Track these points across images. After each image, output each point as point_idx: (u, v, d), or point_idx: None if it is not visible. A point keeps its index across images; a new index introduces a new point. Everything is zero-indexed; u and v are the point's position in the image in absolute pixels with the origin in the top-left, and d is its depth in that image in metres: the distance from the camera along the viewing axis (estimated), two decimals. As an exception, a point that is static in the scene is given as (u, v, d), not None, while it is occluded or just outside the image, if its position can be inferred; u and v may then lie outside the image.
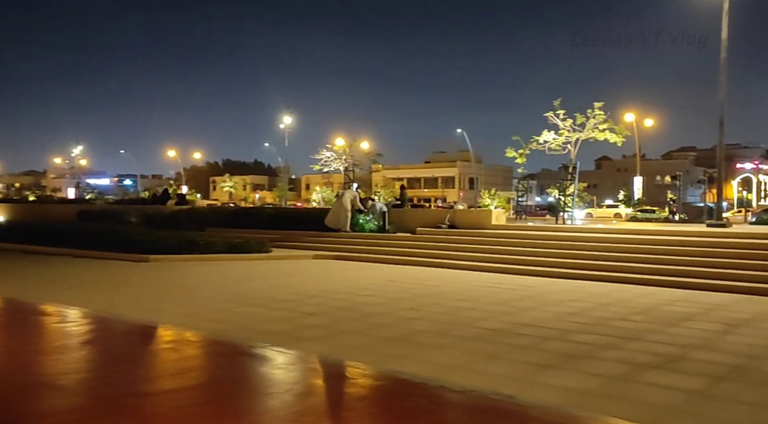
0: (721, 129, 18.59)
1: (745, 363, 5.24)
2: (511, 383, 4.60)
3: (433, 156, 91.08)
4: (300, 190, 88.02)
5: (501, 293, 9.60)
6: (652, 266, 11.58)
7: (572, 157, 19.80)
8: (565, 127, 19.49)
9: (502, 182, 73.65)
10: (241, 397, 2.17)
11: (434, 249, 14.95)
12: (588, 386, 4.54)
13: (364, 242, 16.64)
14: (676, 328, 6.86)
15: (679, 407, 4.08)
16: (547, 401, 4.07)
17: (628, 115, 40.48)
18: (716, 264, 11.22)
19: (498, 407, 2.93)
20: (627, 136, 20.38)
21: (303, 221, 19.73)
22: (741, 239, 12.77)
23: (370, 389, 2.90)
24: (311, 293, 9.25)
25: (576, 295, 9.43)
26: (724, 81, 18.11)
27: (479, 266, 13.13)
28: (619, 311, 7.98)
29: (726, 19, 17.72)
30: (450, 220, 17.08)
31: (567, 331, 6.60)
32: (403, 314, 7.59)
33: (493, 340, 6.10)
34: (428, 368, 4.99)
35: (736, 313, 7.86)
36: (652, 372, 4.93)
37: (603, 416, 3.46)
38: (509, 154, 21.72)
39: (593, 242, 13.80)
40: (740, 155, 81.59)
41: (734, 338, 6.32)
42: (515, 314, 7.61)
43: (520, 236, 15.25)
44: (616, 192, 58.85)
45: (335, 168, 37.97)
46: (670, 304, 8.60)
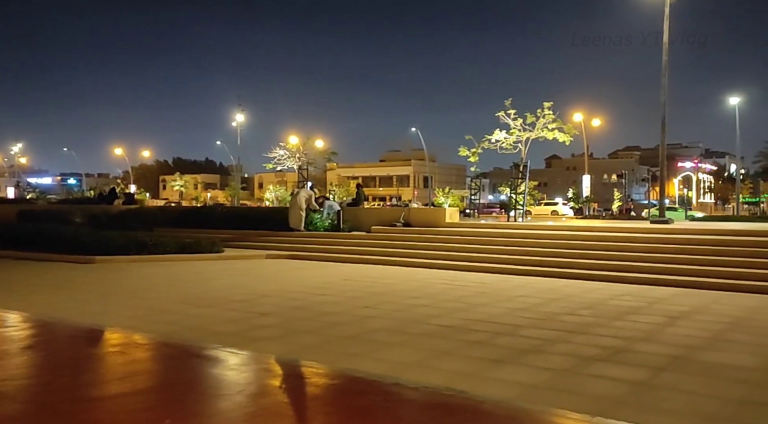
0: (663, 129, 19.33)
1: (684, 354, 5.48)
2: (465, 379, 4.67)
3: (388, 155, 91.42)
4: (253, 189, 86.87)
5: (455, 290, 9.72)
6: (600, 261, 11.95)
7: (523, 156, 20.22)
8: (515, 126, 19.89)
9: (456, 181, 74.59)
10: (191, 399, 2.13)
11: (389, 247, 15.02)
12: (538, 380, 4.65)
13: (319, 241, 16.57)
14: (621, 321, 7.11)
15: (622, 398, 4.23)
16: (499, 395, 4.15)
17: (576, 114, 41.61)
18: (659, 259, 11.67)
19: (451, 403, 2.97)
20: (575, 135, 20.94)
21: (256, 220, 19.48)
22: (682, 235, 13.32)
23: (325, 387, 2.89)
24: (264, 293, 9.15)
25: (527, 291, 9.64)
26: (666, 83, 18.85)
27: (434, 263, 13.26)
28: (568, 305, 8.21)
29: (667, 23, 18.44)
30: (405, 218, 17.18)
31: (518, 326, 6.75)
32: (358, 312, 7.60)
33: (447, 336, 6.18)
34: (383, 365, 5.01)
35: (677, 306, 8.20)
36: (598, 365, 5.10)
37: (551, 408, 3.56)
38: (462, 153, 21.99)
39: (543, 238, 14.14)
40: (682, 154, 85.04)
41: (674, 330, 6.60)
42: (468, 311, 7.73)
43: (473, 233, 15.49)
44: (566, 190, 60.39)
45: (289, 167, 37.58)
46: (616, 298, 8.90)
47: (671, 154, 75.13)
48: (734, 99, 46.39)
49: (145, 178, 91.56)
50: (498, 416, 2.53)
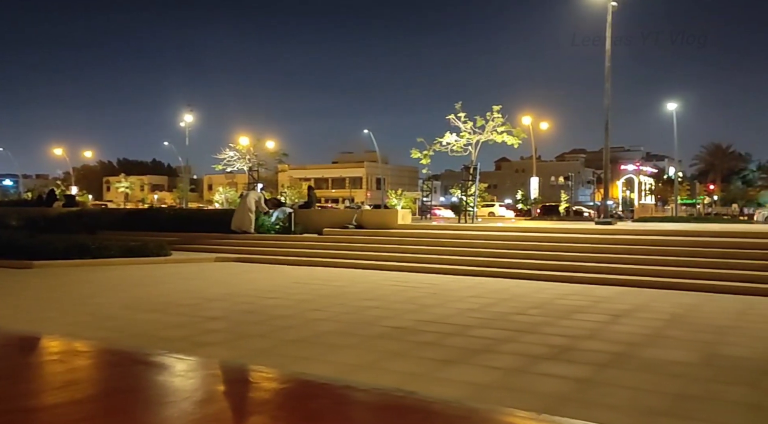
0: (607, 133, 20.02)
1: (626, 350, 5.68)
2: (416, 380, 4.70)
3: (341, 156, 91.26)
4: (202, 190, 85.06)
5: (406, 291, 9.77)
6: (548, 262, 12.26)
7: (473, 159, 20.53)
8: (466, 129, 20.18)
9: (408, 182, 75.05)
10: (134, 408, 2.06)
11: (341, 249, 14.97)
12: (487, 379, 4.73)
13: (269, 244, 16.36)
14: (568, 320, 7.31)
15: (568, 395, 4.35)
16: (450, 395, 4.20)
17: (525, 118, 42.61)
18: (604, 259, 12.06)
19: (401, 404, 2.95)
20: (524, 138, 21.41)
21: (205, 222, 19.09)
22: (624, 235, 13.81)
23: (273, 392, 2.83)
24: (213, 297, 8.97)
25: (477, 291, 9.79)
26: (609, 88, 19.53)
27: (386, 265, 13.30)
28: (517, 305, 8.38)
29: (609, 31, 19.10)
30: (357, 220, 17.17)
31: (469, 326, 6.84)
32: (308, 315, 7.54)
33: (398, 338, 6.21)
34: (334, 368, 4.99)
35: (620, 304, 8.49)
36: (546, 363, 5.22)
37: (500, 407, 3.62)
38: (414, 155, 22.14)
39: (493, 239, 14.39)
40: (624, 158, 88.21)
41: (617, 328, 6.82)
42: (420, 312, 7.78)
43: (425, 235, 15.62)
44: (515, 192, 61.68)
45: (239, 168, 36.98)
46: (563, 298, 9.14)
47: (615, 157, 77.91)
48: (672, 104, 48.48)
49: (87, 180, 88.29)
50: (448, 416, 2.51)
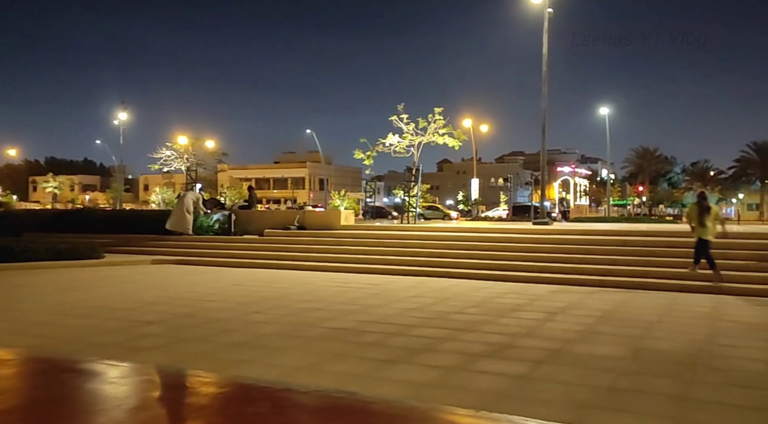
0: (544, 135, 20.65)
1: (561, 347, 5.88)
2: (357, 380, 4.71)
3: (283, 156, 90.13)
4: (138, 191, 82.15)
5: (349, 292, 9.77)
6: (487, 261, 12.53)
7: (415, 160, 20.75)
8: (408, 130, 20.37)
9: (351, 183, 74.94)
10: (61, 418, 1.98)
11: (283, 251, 14.81)
12: (428, 378, 4.79)
13: (209, 245, 16.00)
14: (506, 318, 7.50)
15: (505, 391, 4.46)
16: (390, 394, 4.23)
17: (466, 120, 43.36)
18: (540, 258, 12.44)
19: (341, 405, 2.95)
20: (464, 140, 21.80)
21: (141, 223, 18.46)
22: (559, 235, 14.29)
23: (211, 397, 2.77)
24: (149, 301, 8.69)
25: (419, 291, 9.90)
26: (546, 92, 20.15)
27: (328, 266, 13.25)
28: (457, 304, 8.53)
29: (546, 36, 19.72)
30: (299, 221, 17.02)
31: (410, 326, 6.91)
32: (249, 317, 7.42)
33: (340, 339, 6.20)
34: (274, 371, 4.94)
35: (555, 302, 8.79)
36: (484, 361, 5.34)
37: (439, 405, 3.69)
38: (357, 155, 22.15)
39: (435, 240, 14.58)
40: (560, 160, 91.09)
41: (552, 325, 7.06)
42: (362, 312, 7.80)
43: (368, 235, 15.65)
44: (456, 193, 62.66)
45: (177, 168, 35.93)
46: (501, 296, 9.37)
47: (551, 159, 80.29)
48: (605, 109, 50.53)
49: (11, 180, 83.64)
50: (388, 416, 2.52)
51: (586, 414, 3.96)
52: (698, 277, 10.44)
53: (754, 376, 4.92)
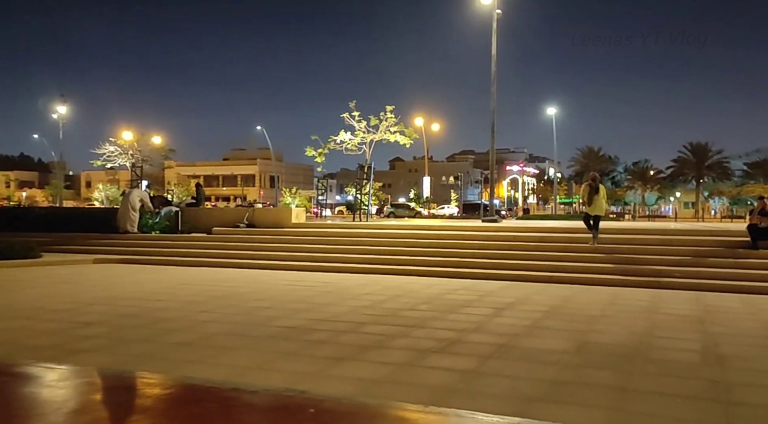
0: (493, 135, 21.02)
1: (508, 342, 6.01)
2: (307, 379, 4.68)
3: (232, 153, 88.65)
4: (79, 187, 79.20)
5: (300, 290, 9.70)
6: (438, 258, 12.68)
7: (367, 158, 20.78)
8: (360, 128, 20.38)
9: (303, 181, 74.40)
10: (-6, 424, 1.89)
11: (232, 249, 14.57)
12: (378, 375, 4.81)
13: (155, 244, 15.58)
14: (456, 314, 7.60)
15: (454, 386, 4.53)
16: (340, 392, 4.23)
17: (417, 119, 43.73)
18: (490, 255, 12.67)
19: (291, 403, 2.93)
20: (416, 138, 21.98)
21: (82, 222, 17.81)
22: (508, 232, 14.60)
23: (155, 398, 2.70)
24: (91, 301, 8.39)
25: (371, 288, 9.92)
26: (495, 92, 20.51)
27: (279, 264, 13.11)
28: (409, 301, 8.59)
29: (495, 37, 20.07)
30: (249, 219, 16.78)
31: (361, 323, 6.92)
32: (196, 317, 7.26)
33: (291, 337, 6.15)
34: (222, 371, 4.86)
35: (503, 298, 8.97)
36: (434, 356, 5.41)
37: (389, 401, 3.70)
38: (309, 153, 22.02)
39: (387, 237, 14.65)
40: (510, 159, 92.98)
41: (501, 321, 7.21)
42: (313, 311, 7.76)
43: (319, 233, 15.58)
44: (408, 191, 63.10)
45: (121, 164, 34.81)
46: (452, 293, 9.50)
47: (501, 158, 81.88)
48: (552, 109, 51.85)
49: (-59, 175, 79.27)
50: (338, 413, 2.53)
51: (530, 407, 4.07)
52: (637, 273, 10.87)
53: (688, 366, 5.16)
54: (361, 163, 21.38)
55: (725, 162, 70.24)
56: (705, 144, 69.51)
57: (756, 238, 11.47)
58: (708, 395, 4.35)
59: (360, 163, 21.40)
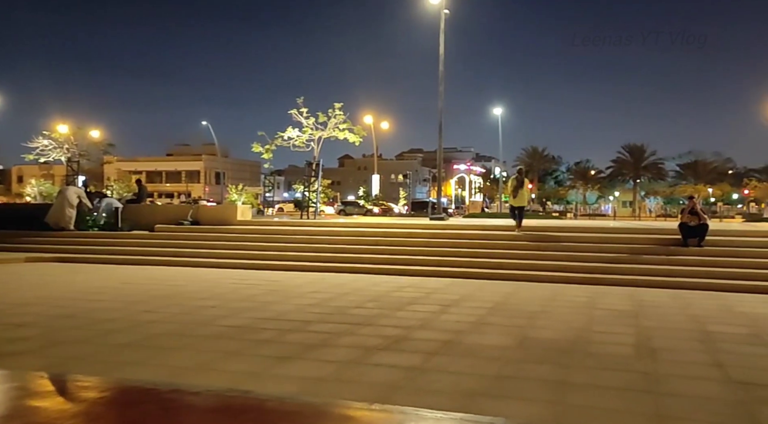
0: (440, 134, 21.27)
1: (453, 338, 6.11)
2: (251, 378, 4.63)
3: (176, 149, 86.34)
4: (10, 183, 75.37)
5: (246, 289, 9.57)
6: (385, 256, 12.74)
7: (315, 155, 20.65)
8: (308, 125, 20.23)
9: (250, 177, 73.22)
10: None
11: (176, 247, 14.21)
12: (323, 373, 4.81)
13: (93, 242, 15.02)
14: (403, 311, 7.67)
15: (399, 383, 4.58)
16: (285, 391, 4.20)
17: (367, 117, 43.77)
18: (436, 253, 12.83)
19: (233, 404, 2.90)
20: (365, 136, 22.01)
21: (13, 218, 16.97)
22: (455, 230, 14.81)
23: (91, 402, 2.62)
24: (22, 302, 8.02)
25: (318, 286, 9.88)
26: (442, 91, 20.76)
27: (225, 262, 12.89)
28: (355, 299, 8.60)
29: (443, 37, 20.30)
30: (193, 216, 16.40)
31: (307, 322, 6.89)
32: (138, 317, 7.06)
33: (235, 337, 6.07)
34: (163, 371, 4.74)
35: (449, 295, 9.11)
36: (380, 354, 5.44)
37: (334, 399, 3.71)
38: (255, 149, 21.71)
39: (335, 235, 14.61)
40: (457, 158, 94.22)
41: (446, 317, 7.32)
42: (259, 309, 7.67)
43: (266, 231, 15.38)
44: (358, 189, 63.03)
45: (56, 158, 33.35)
46: (400, 290, 9.57)
47: (448, 157, 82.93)
48: (498, 110, 52.93)
49: None
50: (281, 413, 2.52)
51: (472, 402, 4.15)
52: (577, 269, 11.25)
53: (623, 359, 5.39)
54: (309, 160, 21.23)
55: (660, 163, 73.56)
56: (641, 146, 72.56)
57: (686, 236, 12.07)
58: (640, 387, 4.56)
59: (308, 160, 21.26)
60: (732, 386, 4.60)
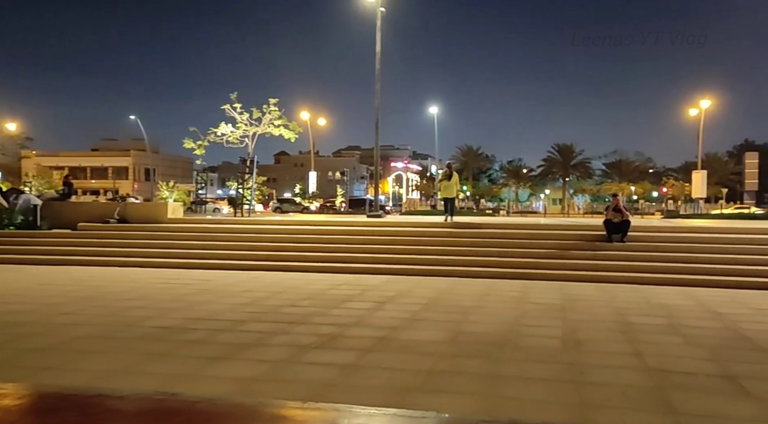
0: (377, 131, 21.33)
1: (388, 334, 6.15)
2: (181, 380, 4.49)
3: (103, 144, 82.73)
4: None
5: (176, 288, 9.27)
6: (322, 254, 12.66)
7: (250, 151, 20.27)
8: (242, 120, 19.82)
9: (182, 174, 71.05)
10: None
11: (101, 246, 13.60)
12: (256, 373, 4.72)
13: (8, 241, 14.17)
14: (338, 309, 7.64)
15: (333, 381, 4.56)
16: (216, 392, 4.10)
17: (303, 113, 43.33)
18: (373, 250, 12.86)
19: (161, 407, 2.80)
20: (301, 133, 21.76)
21: None
22: (393, 227, 14.90)
23: (4, 410, 2.48)
24: (-70, 306, 7.45)
25: (251, 285, 9.70)
26: (379, 89, 20.82)
27: (154, 262, 12.44)
28: (290, 298, 8.50)
29: (379, 34, 20.37)
30: (120, 214, 15.75)
31: (240, 321, 6.75)
32: (57, 320, 6.70)
33: (164, 338, 5.86)
34: (85, 376, 4.52)
35: (385, 292, 9.15)
36: (314, 352, 5.40)
37: (267, 399, 3.65)
38: (187, 145, 21.04)
39: (269, 233, 14.39)
40: (394, 155, 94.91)
41: (382, 314, 7.35)
42: (190, 309, 7.45)
43: (198, 229, 14.96)
44: (294, 186, 62.32)
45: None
46: (335, 288, 9.53)
47: (385, 154, 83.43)
48: (434, 108, 53.64)
49: None
50: (212, 414, 2.48)
51: (407, 397, 4.19)
52: (509, 265, 11.57)
53: (550, 351, 5.58)
54: (243, 156, 20.81)
55: (587, 162, 76.60)
56: (570, 145, 75.30)
57: (610, 231, 12.64)
58: (565, 377, 4.73)
59: (242, 156, 20.83)
60: (649, 373, 4.84)
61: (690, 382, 4.62)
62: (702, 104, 37.96)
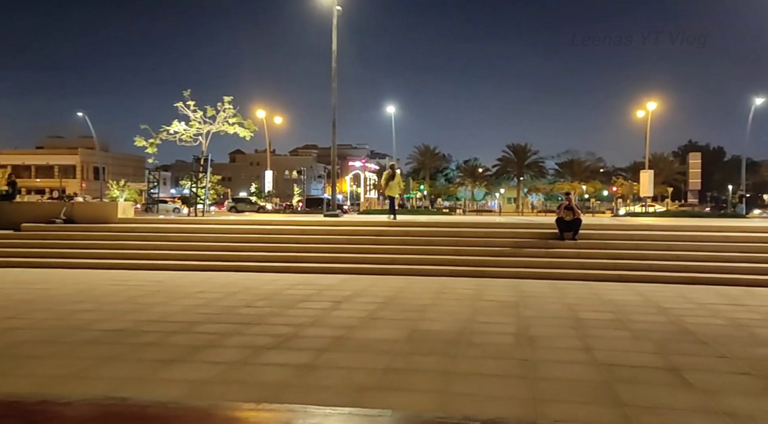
0: (334, 130, 21.28)
1: (344, 334, 6.14)
2: (131, 384, 4.38)
3: (48, 141, 79.69)
4: None
5: (127, 290, 9.03)
6: (278, 253, 12.54)
7: (204, 150, 19.88)
8: (195, 118, 19.43)
9: (134, 173, 69.09)
10: None
11: (45, 247, 13.12)
12: (209, 375, 4.65)
13: (-52, 242, 13.50)
14: (294, 309, 7.59)
15: (288, 381, 4.52)
16: (168, 396, 4.02)
17: (259, 111, 42.79)
18: (329, 249, 12.82)
19: (109, 412, 2.72)
20: (256, 131, 21.47)
21: None
22: (350, 227, 14.89)
23: (-63, 421, 2.34)
24: None
25: (206, 286, 9.54)
26: (336, 87, 20.77)
27: (104, 263, 12.09)
28: (246, 298, 8.40)
29: (335, 33, 20.32)
30: (67, 214, 15.22)
31: (194, 323, 6.63)
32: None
33: (114, 341, 5.70)
34: (30, 382, 4.35)
35: (342, 291, 9.14)
36: (269, 353, 5.35)
37: (220, 401, 3.61)
38: (138, 143, 20.48)
39: (224, 233, 14.16)
40: (352, 155, 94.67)
41: (338, 313, 7.34)
42: (141, 312, 7.27)
43: (150, 229, 14.61)
44: (250, 185, 61.49)
45: None
46: (291, 288, 9.46)
47: (343, 153, 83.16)
48: (391, 108, 53.80)
49: None
50: (164, 418, 2.41)
51: (363, 396, 4.20)
52: (464, 263, 11.73)
53: (504, 348, 5.69)
54: (197, 155, 20.39)
55: (541, 162, 78.31)
56: (525, 145, 76.80)
57: (562, 229, 12.96)
58: (518, 373, 4.83)
59: (196, 155, 20.41)
60: (598, 368, 5.00)
61: (637, 375, 4.79)
62: (649, 106, 39.28)
